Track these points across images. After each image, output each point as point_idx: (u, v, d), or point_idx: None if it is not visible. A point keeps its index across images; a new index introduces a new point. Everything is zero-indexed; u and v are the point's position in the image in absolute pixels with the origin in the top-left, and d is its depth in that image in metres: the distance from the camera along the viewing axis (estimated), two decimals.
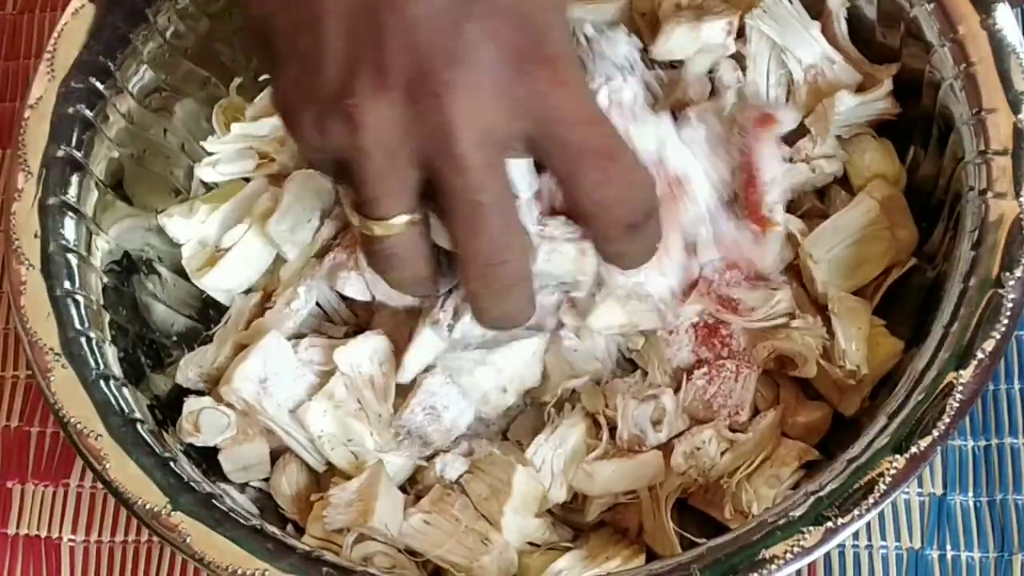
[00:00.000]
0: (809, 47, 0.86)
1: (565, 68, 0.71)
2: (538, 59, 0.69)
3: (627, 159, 0.74)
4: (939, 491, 0.87)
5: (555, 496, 0.81)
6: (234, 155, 0.92)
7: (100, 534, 0.92)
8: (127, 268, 0.88)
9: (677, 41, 0.86)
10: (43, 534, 0.93)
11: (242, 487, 0.85)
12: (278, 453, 0.85)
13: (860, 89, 0.86)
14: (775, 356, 0.82)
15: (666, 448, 0.81)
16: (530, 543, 0.81)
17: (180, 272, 0.91)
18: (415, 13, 0.67)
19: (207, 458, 0.84)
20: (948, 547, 0.86)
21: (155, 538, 0.78)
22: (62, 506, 0.93)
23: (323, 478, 0.85)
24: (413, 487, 0.84)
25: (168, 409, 0.85)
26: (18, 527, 0.93)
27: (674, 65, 0.88)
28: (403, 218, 0.72)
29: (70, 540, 0.92)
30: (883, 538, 0.86)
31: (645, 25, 0.90)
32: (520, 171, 0.75)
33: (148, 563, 0.91)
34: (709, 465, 0.79)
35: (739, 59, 0.87)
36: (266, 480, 0.86)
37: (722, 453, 0.80)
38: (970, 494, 0.87)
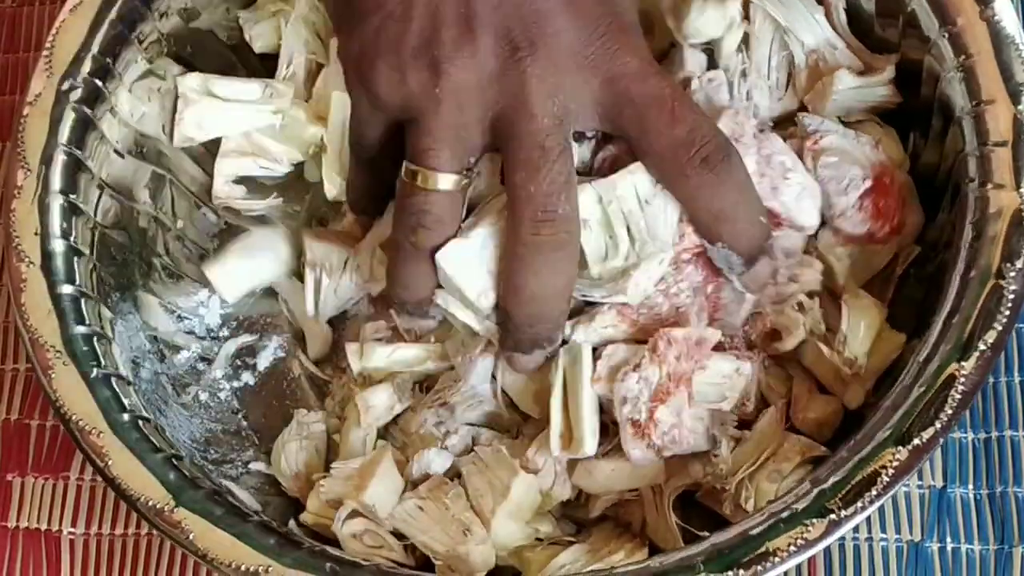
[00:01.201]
0: (812, 30, 0.86)
1: (634, 35, 0.77)
2: (612, 27, 0.75)
3: (690, 103, 0.77)
4: (939, 484, 0.87)
5: (560, 493, 0.81)
6: None
7: (100, 527, 0.92)
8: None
9: (709, 18, 0.85)
10: (43, 527, 0.93)
11: (242, 474, 0.86)
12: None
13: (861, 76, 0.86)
14: (766, 331, 0.82)
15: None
16: (536, 538, 0.82)
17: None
18: None
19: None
20: (948, 539, 0.86)
21: (156, 532, 0.77)
22: (62, 499, 0.93)
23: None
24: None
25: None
26: (18, 520, 0.93)
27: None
28: (452, 178, 0.77)
29: (70, 533, 0.92)
30: (883, 530, 0.86)
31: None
32: None
33: (148, 556, 0.91)
34: (725, 472, 0.80)
35: (743, 39, 0.87)
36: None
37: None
38: (970, 487, 0.87)
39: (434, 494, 0.81)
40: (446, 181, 0.77)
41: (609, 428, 0.81)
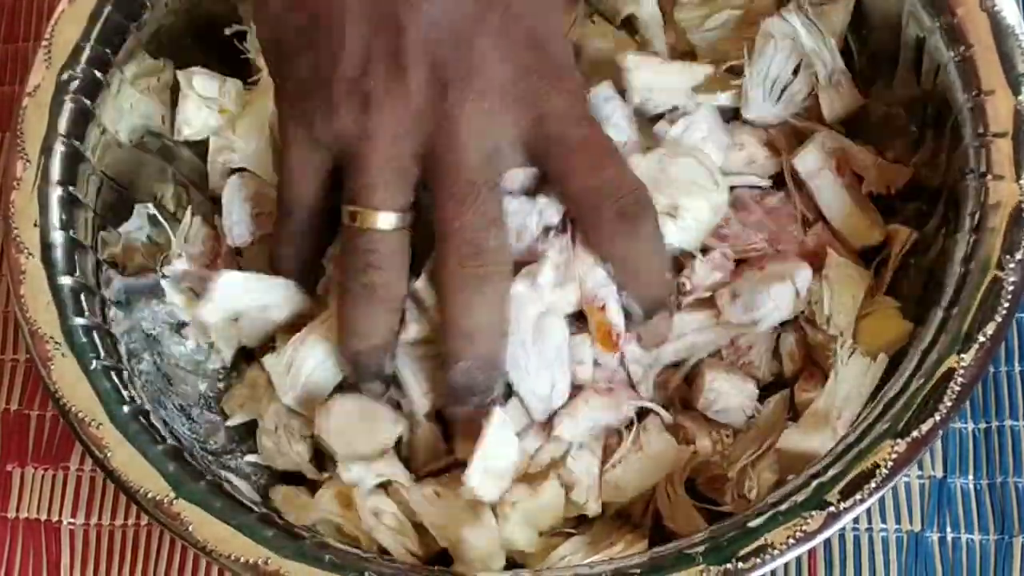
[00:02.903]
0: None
1: (567, 76, 0.78)
2: (542, 71, 0.76)
3: (618, 157, 0.78)
4: (939, 474, 0.87)
5: (592, 509, 0.81)
6: None
7: (100, 517, 0.92)
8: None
9: None
10: (43, 517, 0.93)
11: (241, 465, 0.86)
12: None
13: None
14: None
15: (677, 431, 0.81)
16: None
17: None
18: (433, 15, 0.73)
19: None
20: (948, 530, 0.86)
21: (155, 523, 0.77)
22: (62, 489, 0.93)
23: None
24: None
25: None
26: (18, 511, 0.93)
27: None
28: (394, 216, 0.77)
29: (70, 523, 0.92)
30: (883, 521, 0.86)
31: None
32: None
33: (148, 546, 0.91)
34: (733, 453, 0.80)
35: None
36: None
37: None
38: (970, 477, 0.87)
39: (452, 482, 0.81)
40: (387, 220, 0.77)
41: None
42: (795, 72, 0.87)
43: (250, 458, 0.86)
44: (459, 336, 0.77)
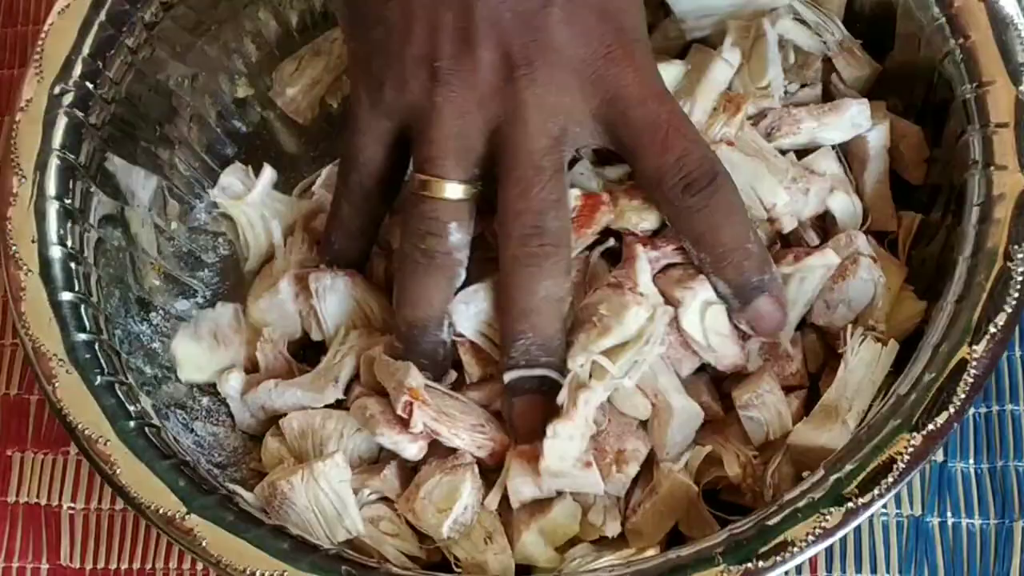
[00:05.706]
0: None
1: (638, 54, 0.77)
2: (614, 45, 0.76)
3: (684, 129, 0.77)
4: (940, 458, 0.87)
5: (610, 530, 0.80)
6: None
7: (100, 502, 0.92)
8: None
9: None
10: (43, 502, 0.92)
11: (246, 477, 0.85)
12: None
13: None
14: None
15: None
16: None
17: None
18: None
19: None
20: (949, 514, 0.86)
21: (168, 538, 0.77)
22: (62, 474, 0.93)
23: None
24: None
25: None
26: (18, 495, 0.93)
27: None
28: (460, 187, 0.77)
29: (70, 508, 0.92)
30: (883, 505, 0.86)
31: None
32: None
33: (148, 531, 0.90)
34: (760, 475, 0.80)
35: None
36: None
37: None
38: (971, 461, 0.87)
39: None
40: (454, 190, 0.77)
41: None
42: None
43: (257, 467, 0.86)
44: (519, 316, 0.77)
